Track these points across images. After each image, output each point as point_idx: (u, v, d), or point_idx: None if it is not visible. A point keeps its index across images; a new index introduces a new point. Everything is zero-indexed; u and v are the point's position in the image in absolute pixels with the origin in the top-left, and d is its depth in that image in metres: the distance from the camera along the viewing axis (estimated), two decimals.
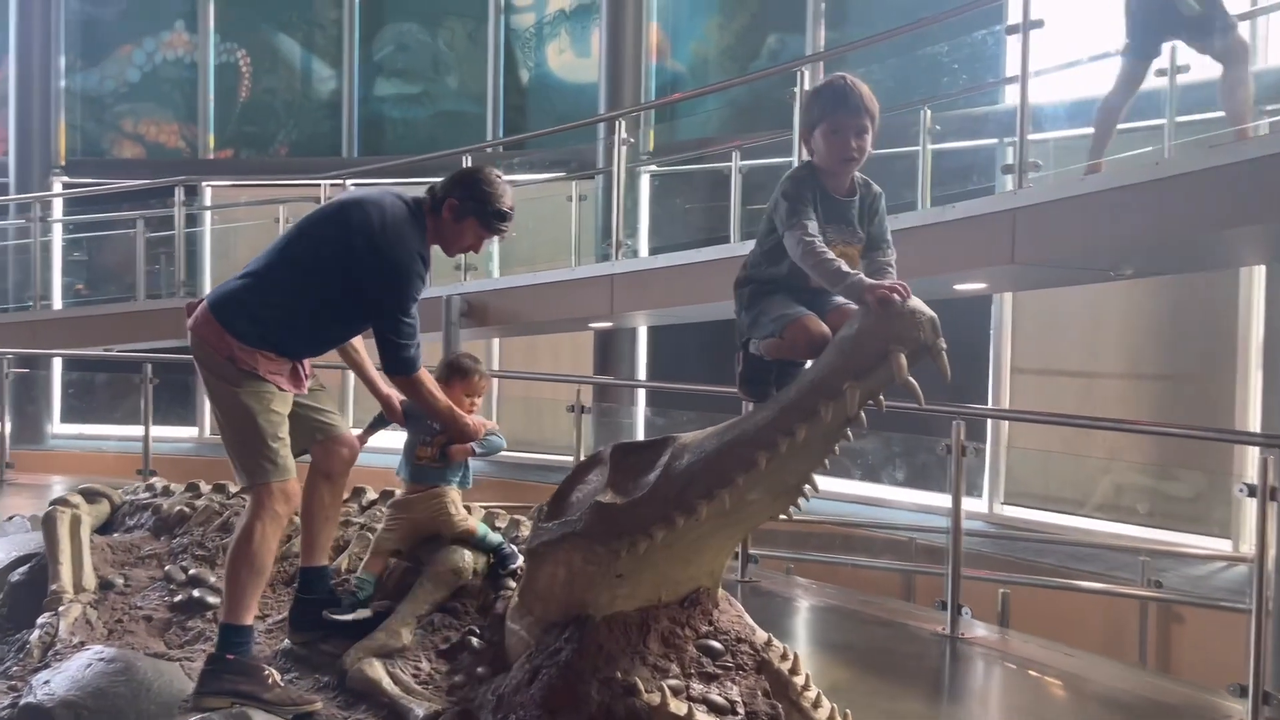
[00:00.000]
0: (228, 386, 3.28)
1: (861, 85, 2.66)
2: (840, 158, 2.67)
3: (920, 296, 6.20)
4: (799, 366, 2.69)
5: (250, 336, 3.26)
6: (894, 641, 5.02)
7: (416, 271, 3.30)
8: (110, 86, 13.48)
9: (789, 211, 2.58)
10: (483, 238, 3.47)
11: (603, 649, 2.92)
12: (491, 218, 3.40)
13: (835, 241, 2.63)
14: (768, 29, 10.68)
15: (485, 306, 8.02)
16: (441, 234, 3.43)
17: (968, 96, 6.95)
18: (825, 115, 2.68)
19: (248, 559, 3.20)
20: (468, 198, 3.36)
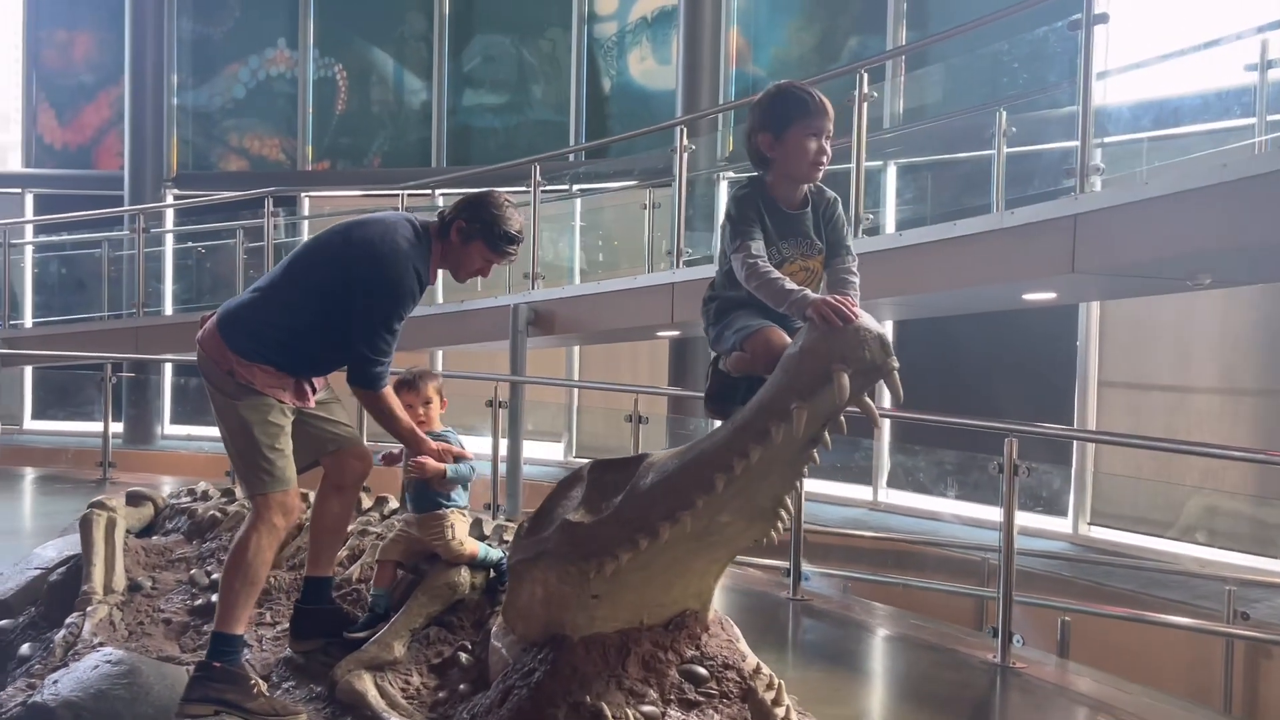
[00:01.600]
0: (227, 399, 3.33)
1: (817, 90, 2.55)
2: (813, 162, 2.56)
3: (988, 306, 5.97)
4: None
5: (250, 352, 3.30)
6: (939, 668, 4.79)
7: (409, 288, 3.30)
8: (218, 103, 14.10)
9: (733, 234, 2.50)
10: (490, 261, 3.46)
11: (577, 671, 2.86)
12: (498, 240, 3.39)
13: (793, 257, 2.53)
14: (849, 31, 10.46)
15: (552, 315, 8.05)
16: (449, 257, 3.45)
17: (1046, 97, 6.62)
18: (800, 117, 2.57)
19: (241, 569, 3.24)
20: (475, 220, 3.37)
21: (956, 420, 5.28)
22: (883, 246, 6.08)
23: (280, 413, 3.35)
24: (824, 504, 9.32)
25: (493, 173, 10.27)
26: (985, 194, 6.52)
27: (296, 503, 3.41)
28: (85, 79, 14.61)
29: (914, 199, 8.32)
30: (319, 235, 3.56)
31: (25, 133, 14.79)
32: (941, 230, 5.69)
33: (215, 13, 14.05)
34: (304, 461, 3.50)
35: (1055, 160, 5.74)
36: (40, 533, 6.12)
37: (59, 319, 12.84)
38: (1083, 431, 5.41)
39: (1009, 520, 4.77)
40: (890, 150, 8.44)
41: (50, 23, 14.69)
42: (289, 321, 3.33)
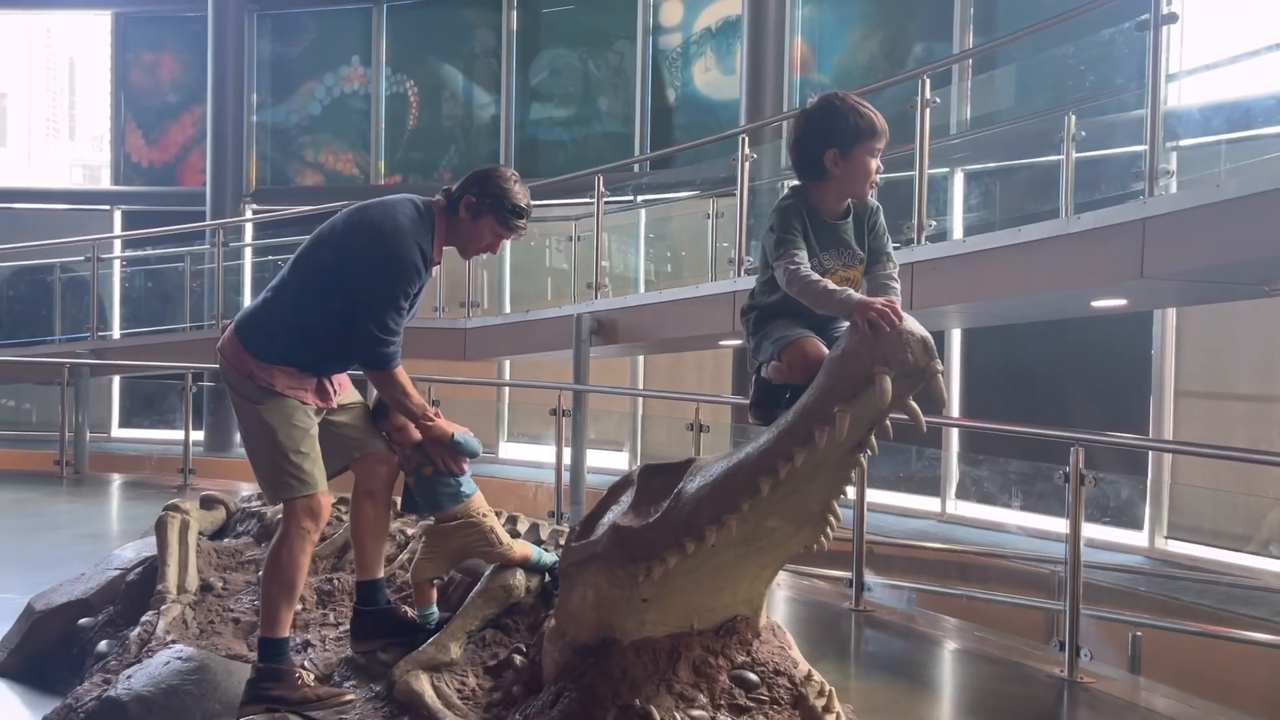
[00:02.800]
0: (249, 404, 3.32)
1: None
2: (869, 180, 2.58)
3: (1056, 314, 5.91)
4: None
5: (267, 354, 3.29)
6: (1003, 681, 4.70)
7: (411, 263, 3.24)
8: (295, 120, 14.52)
9: (776, 243, 2.51)
10: (500, 236, 3.40)
11: (627, 674, 2.88)
12: (509, 215, 3.32)
13: (834, 268, 2.54)
14: (914, 38, 10.37)
15: (614, 324, 8.11)
16: (457, 234, 3.37)
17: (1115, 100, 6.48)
18: (868, 136, 2.58)
19: (277, 576, 3.29)
20: (484, 195, 3.30)
21: (1020, 429, 5.18)
22: (947, 253, 6.01)
23: (304, 415, 3.34)
24: (891, 515, 9.22)
25: (558, 184, 10.39)
26: (1052, 199, 6.40)
27: (326, 505, 3.41)
28: (170, 99, 15.17)
29: (980, 205, 8.20)
30: (320, 227, 3.47)
31: (114, 152, 15.41)
32: (1006, 236, 5.61)
33: (292, 33, 14.49)
34: (334, 467, 3.49)
35: (1123, 164, 5.62)
36: (123, 536, 6.37)
37: (144, 330, 13.31)
38: (1152, 441, 5.26)
39: (1075, 531, 4.68)
40: (957, 156, 8.34)
41: (138, 46, 15.29)
42: (300, 317, 3.31)
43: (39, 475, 10.06)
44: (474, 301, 10.35)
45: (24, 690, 4.25)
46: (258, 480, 3.44)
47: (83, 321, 12.61)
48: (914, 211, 6.13)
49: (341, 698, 3.22)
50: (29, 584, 4.96)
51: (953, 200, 8.41)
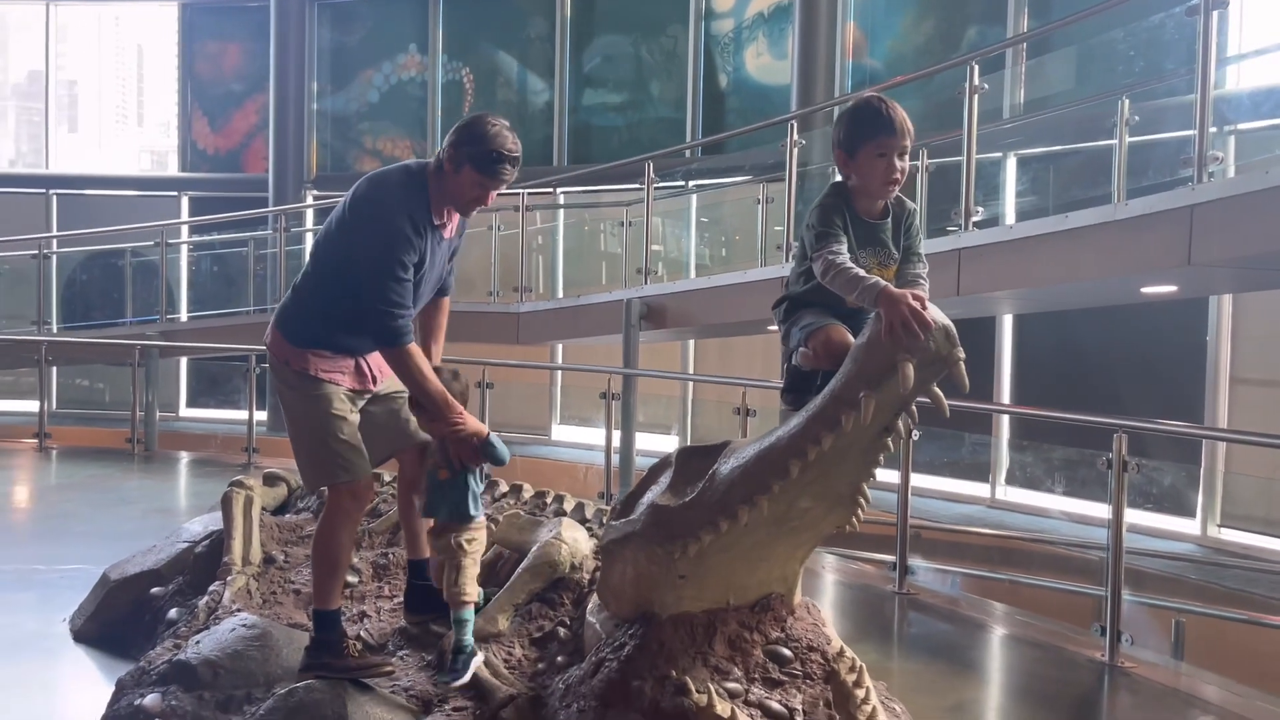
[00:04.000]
0: (290, 391, 3.36)
1: (898, 105, 2.61)
2: (884, 180, 2.64)
3: (1106, 300, 5.93)
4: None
5: (302, 339, 3.31)
6: (1043, 665, 4.75)
7: (399, 229, 3.13)
8: (354, 107, 14.80)
9: (816, 238, 2.59)
10: (486, 186, 3.20)
11: (665, 647, 2.99)
12: (487, 161, 3.14)
13: (870, 266, 2.60)
14: (967, 21, 10.26)
15: (664, 309, 8.20)
16: (447, 191, 3.22)
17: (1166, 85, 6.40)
18: (870, 136, 2.63)
19: (320, 555, 3.41)
20: (462, 143, 3.17)
21: (1060, 415, 5.20)
22: (994, 239, 6.02)
23: (341, 400, 3.34)
24: (941, 500, 9.23)
25: (608, 170, 10.49)
26: (1104, 184, 6.36)
27: (368, 489, 3.45)
28: (234, 87, 15.54)
29: (1033, 190, 8.15)
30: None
31: (181, 139, 15.84)
32: (1054, 222, 5.60)
33: (351, 22, 14.75)
34: (379, 457, 3.51)
35: (1174, 150, 5.57)
36: (191, 511, 6.64)
37: (210, 313, 13.70)
38: (1195, 428, 5.20)
39: (1118, 517, 4.70)
40: (1008, 141, 8.28)
41: (203, 35, 15.68)
42: (322, 299, 3.30)
43: (111, 452, 10.45)
44: (527, 286, 10.52)
45: (99, 654, 4.49)
46: (299, 469, 3.47)
47: (152, 304, 13.02)
48: (961, 197, 6.13)
49: (383, 667, 3.34)
50: (103, 555, 5.20)
51: (1005, 185, 8.37)
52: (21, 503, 8.24)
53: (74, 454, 10.35)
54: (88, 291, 14.22)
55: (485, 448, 3.27)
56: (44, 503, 8.28)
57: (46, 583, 5.50)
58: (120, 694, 3.53)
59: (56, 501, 8.21)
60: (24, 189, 15.93)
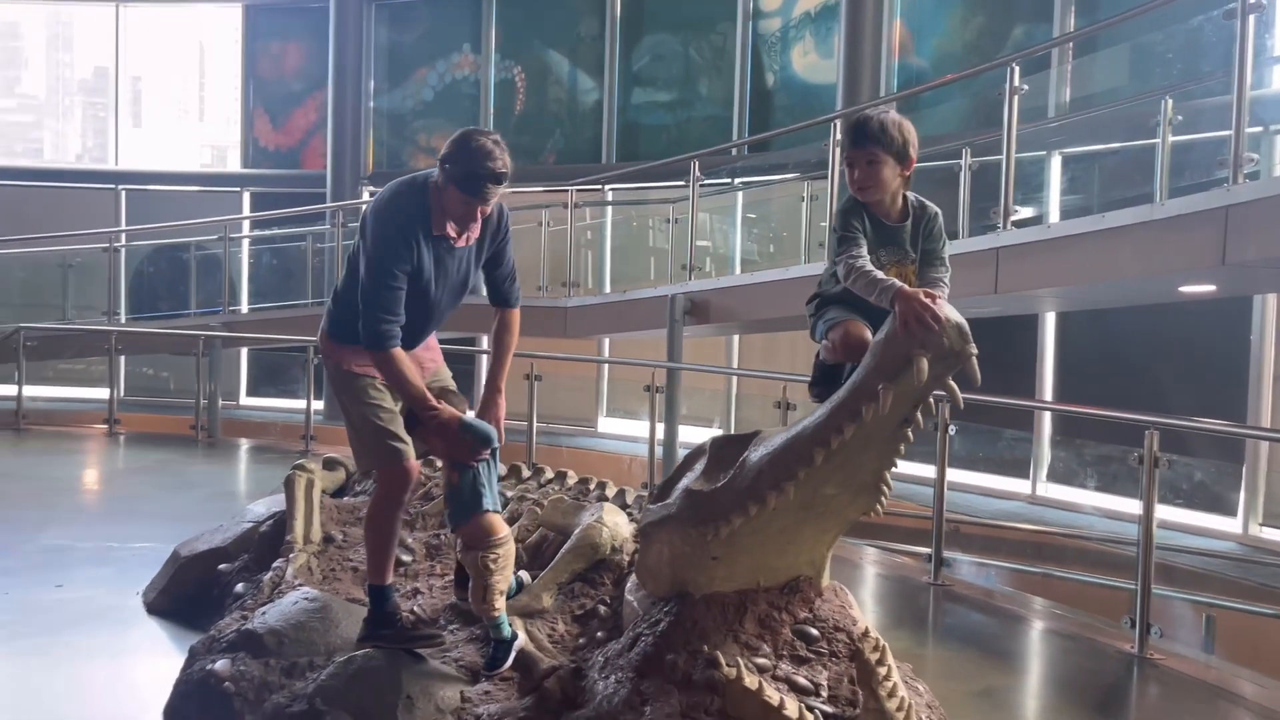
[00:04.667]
0: (337, 384, 3.58)
1: (883, 117, 2.78)
2: (856, 186, 2.85)
3: (1145, 299, 6.07)
4: None
5: (342, 336, 3.49)
6: (1073, 655, 4.87)
7: (387, 239, 3.25)
8: (409, 105, 15.13)
9: (838, 242, 2.78)
10: (470, 204, 3.27)
11: (698, 624, 3.17)
12: (468, 180, 3.20)
13: (888, 264, 2.78)
14: (1015, 20, 10.27)
15: (707, 304, 8.36)
16: (449, 203, 3.30)
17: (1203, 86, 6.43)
18: (844, 149, 2.91)
19: (373, 532, 3.62)
20: (447, 161, 3.25)
21: (1090, 410, 5.30)
22: (1032, 238, 6.10)
23: (376, 390, 3.49)
24: (981, 496, 9.29)
25: (654, 168, 10.66)
26: (1144, 184, 6.41)
27: (411, 472, 3.54)
28: (295, 86, 15.96)
29: (1075, 189, 8.18)
30: None
31: (243, 136, 16.31)
32: (1091, 222, 5.68)
33: (408, 21, 15.08)
34: (419, 451, 3.62)
35: (1211, 150, 5.62)
36: (252, 495, 6.95)
37: (270, 305, 14.08)
38: (1230, 425, 5.23)
39: (1148, 512, 4.79)
40: (1054, 140, 8.33)
41: (266, 35, 16.12)
42: (352, 300, 3.42)
43: (177, 438, 10.85)
44: (574, 281, 10.74)
45: (170, 625, 4.79)
46: (353, 454, 3.74)
47: (215, 296, 13.46)
48: (1000, 196, 6.23)
49: (435, 639, 3.56)
50: (172, 534, 5.50)
51: (1049, 184, 8.41)
52: (94, 485, 8.65)
53: (141, 439, 10.78)
54: (155, 284, 14.72)
55: (463, 429, 3.35)
56: (115, 485, 8.68)
57: (120, 559, 5.83)
58: (193, 660, 3.80)
59: (127, 484, 8.61)
60: (94, 184, 16.51)
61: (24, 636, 4.58)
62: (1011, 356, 9.48)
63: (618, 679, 3.21)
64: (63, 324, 13.22)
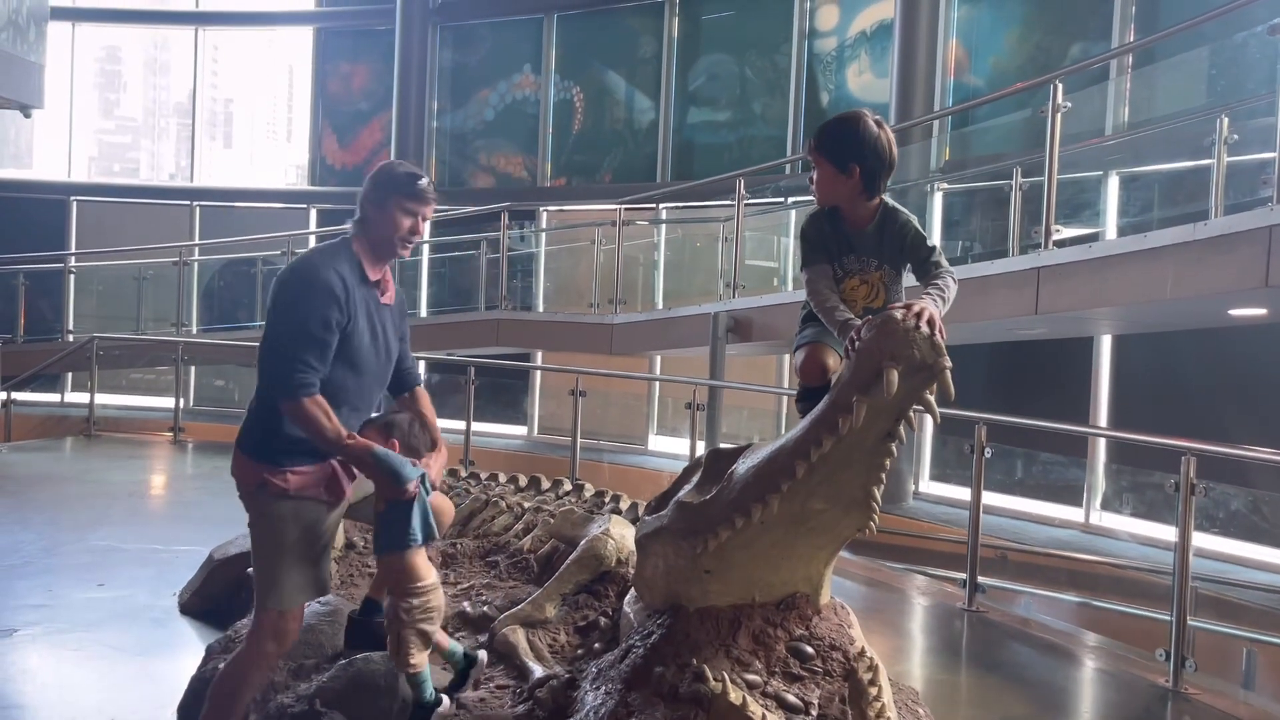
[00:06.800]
0: (260, 511, 3.24)
1: (838, 120, 2.84)
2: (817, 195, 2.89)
3: (1194, 322, 5.99)
4: None
5: (272, 455, 3.15)
6: (1103, 687, 4.74)
7: (316, 283, 3.04)
8: (470, 125, 15.42)
9: (801, 253, 2.78)
10: (413, 210, 3.21)
11: (689, 637, 3.16)
12: (406, 184, 3.20)
13: (852, 272, 2.76)
14: (1072, 37, 10.08)
15: (750, 322, 8.34)
16: (377, 238, 3.20)
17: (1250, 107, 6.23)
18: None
19: (221, 692, 3.22)
20: (376, 186, 3.22)
21: (1126, 435, 5.15)
22: (1074, 258, 5.98)
23: (299, 515, 3.18)
24: (1033, 523, 9.08)
25: (701, 187, 10.67)
26: (1195, 202, 6.24)
27: (294, 631, 3.27)
28: (362, 106, 16.38)
29: (1127, 208, 7.99)
30: None
31: (312, 154, 16.77)
32: (1133, 242, 5.55)
33: (470, 43, 15.39)
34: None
35: (1256, 169, 5.45)
36: None
37: None
38: (1269, 452, 5.00)
39: (1184, 541, 4.64)
40: (1111, 159, 8.15)
41: (335, 57, 16.59)
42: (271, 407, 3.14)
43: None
44: (622, 299, 10.79)
45: (199, 625, 4.92)
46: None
47: None
48: (1042, 216, 6.12)
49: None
50: (214, 538, 5.62)
51: (1106, 203, 8.23)
52: (152, 490, 8.93)
53: (205, 448, 11.09)
54: (224, 297, 15.18)
55: (375, 460, 3.10)
56: (171, 491, 8.95)
57: (163, 561, 6.01)
58: (209, 658, 3.90)
59: (181, 490, 8.87)
60: (172, 201, 17.13)
61: (60, 632, 4.75)
62: (1065, 380, 9.26)
63: (606, 690, 3.20)
64: (134, 334, 13.68)
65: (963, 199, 9.40)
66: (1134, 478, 8.61)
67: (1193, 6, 8.36)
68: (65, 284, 14.87)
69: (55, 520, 7.03)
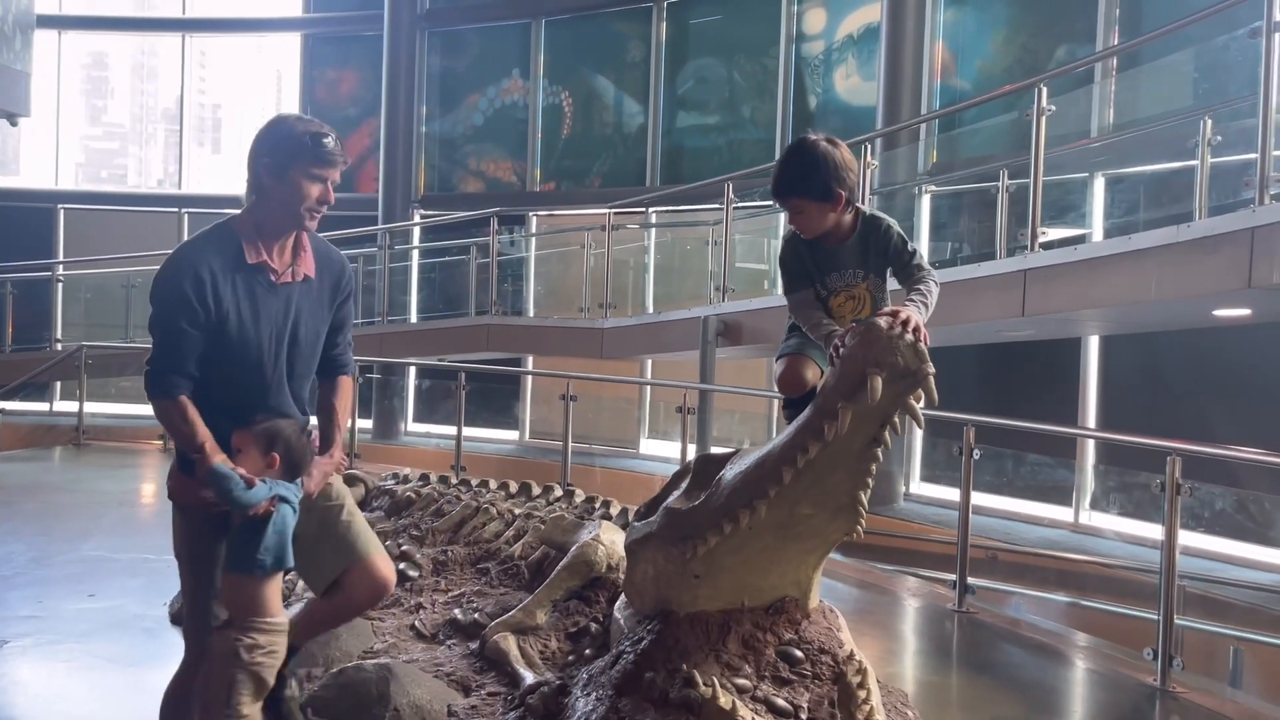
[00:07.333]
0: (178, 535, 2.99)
1: (802, 160, 2.77)
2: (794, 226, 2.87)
3: (1179, 323, 6.05)
4: None
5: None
6: (1090, 686, 4.77)
7: (169, 279, 2.81)
8: (459, 130, 15.42)
9: (784, 279, 2.81)
10: (324, 177, 2.88)
11: (679, 643, 3.18)
12: (309, 147, 2.84)
13: (837, 289, 2.79)
14: (1057, 40, 10.14)
15: (739, 326, 8.36)
16: (274, 208, 2.88)
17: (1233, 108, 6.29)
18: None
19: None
20: (274, 149, 2.85)
21: (1111, 436, 5.18)
22: (1060, 260, 6.02)
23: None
24: (1023, 523, 9.12)
25: (690, 191, 10.69)
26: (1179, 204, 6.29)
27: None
28: (350, 112, 16.37)
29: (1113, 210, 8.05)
30: None
31: None
32: (1118, 244, 5.59)
33: (458, 48, 15.40)
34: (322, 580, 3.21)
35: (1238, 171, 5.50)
36: None
37: None
38: (1254, 452, 5.03)
39: (1170, 540, 4.67)
40: (1097, 161, 8.21)
41: (323, 63, 16.58)
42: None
43: None
44: (611, 303, 10.81)
45: None
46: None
47: None
48: (1028, 219, 6.16)
49: None
50: None
51: (1092, 205, 8.28)
52: (142, 499, 8.91)
53: None
54: None
55: (209, 478, 2.71)
56: (162, 499, 8.88)
57: (154, 570, 5.99)
58: None
59: None
60: (160, 208, 17.09)
61: (51, 643, 4.74)
62: (1053, 382, 9.31)
63: (597, 696, 3.22)
64: (123, 343, 13.64)
65: (950, 201, 9.45)
66: (1121, 478, 8.66)
67: (1176, 10, 8.43)
68: (53, 292, 14.83)
69: (45, 530, 7.02)
